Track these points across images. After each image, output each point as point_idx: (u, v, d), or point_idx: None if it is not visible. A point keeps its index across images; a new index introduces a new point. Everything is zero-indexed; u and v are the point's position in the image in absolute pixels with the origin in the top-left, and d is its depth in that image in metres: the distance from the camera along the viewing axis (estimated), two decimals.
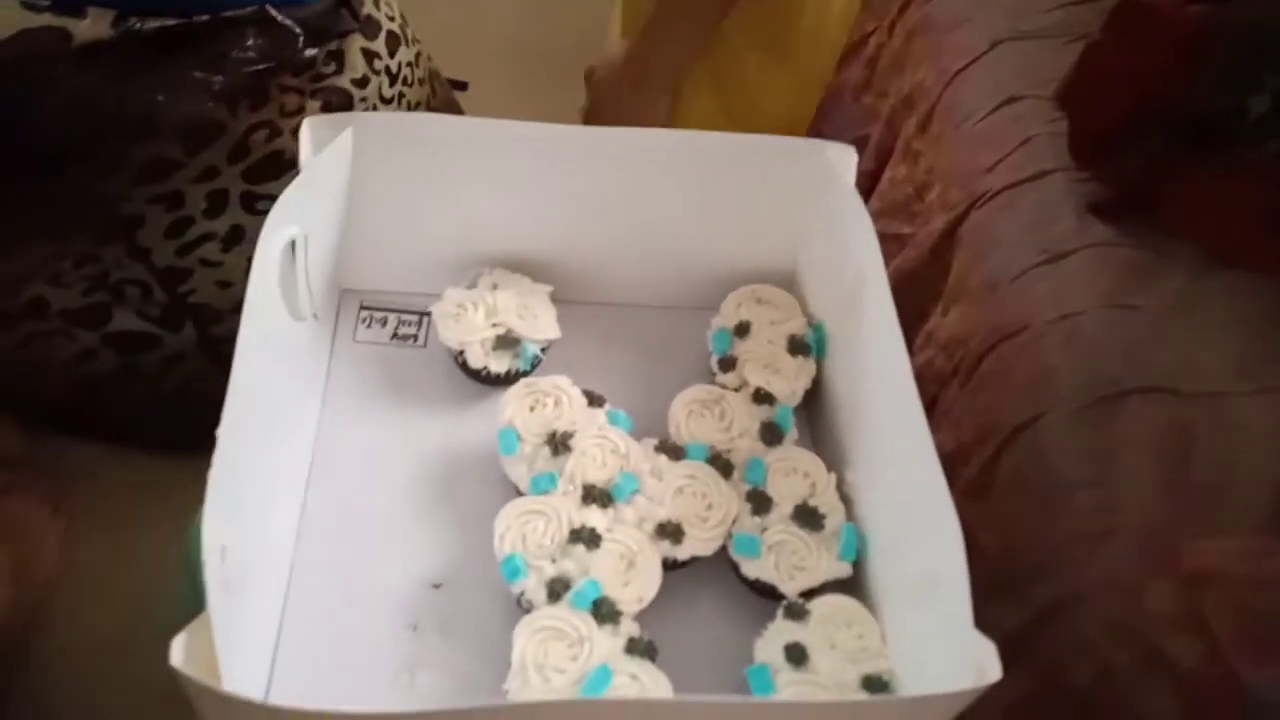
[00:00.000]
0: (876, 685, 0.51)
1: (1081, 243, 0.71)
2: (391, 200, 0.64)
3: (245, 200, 0.81)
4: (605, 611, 0.52)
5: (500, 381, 0.63)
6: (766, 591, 0.56)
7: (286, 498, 0.58)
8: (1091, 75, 0.75)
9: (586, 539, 0.54)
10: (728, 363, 0.65)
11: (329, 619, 0.55)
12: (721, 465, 0.59)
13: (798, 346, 0.65)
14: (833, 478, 0.59)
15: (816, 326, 0.66)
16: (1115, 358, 0.65)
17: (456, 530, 0.59)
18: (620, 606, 0.52)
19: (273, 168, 0.80)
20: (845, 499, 0.59)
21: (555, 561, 0.54)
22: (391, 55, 0.85)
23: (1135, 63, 0.70)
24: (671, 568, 0.56)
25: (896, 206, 0.89)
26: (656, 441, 0.60)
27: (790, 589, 0.55)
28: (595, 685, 0.49)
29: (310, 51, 0.76)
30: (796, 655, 0.52)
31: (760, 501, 0.58)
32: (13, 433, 0.95)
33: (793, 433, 0.62)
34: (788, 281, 0.69)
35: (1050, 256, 0.71)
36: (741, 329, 0.66)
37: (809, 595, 0.55)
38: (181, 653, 0.39)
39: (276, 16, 0.73)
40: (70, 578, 0.92)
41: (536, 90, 1.10)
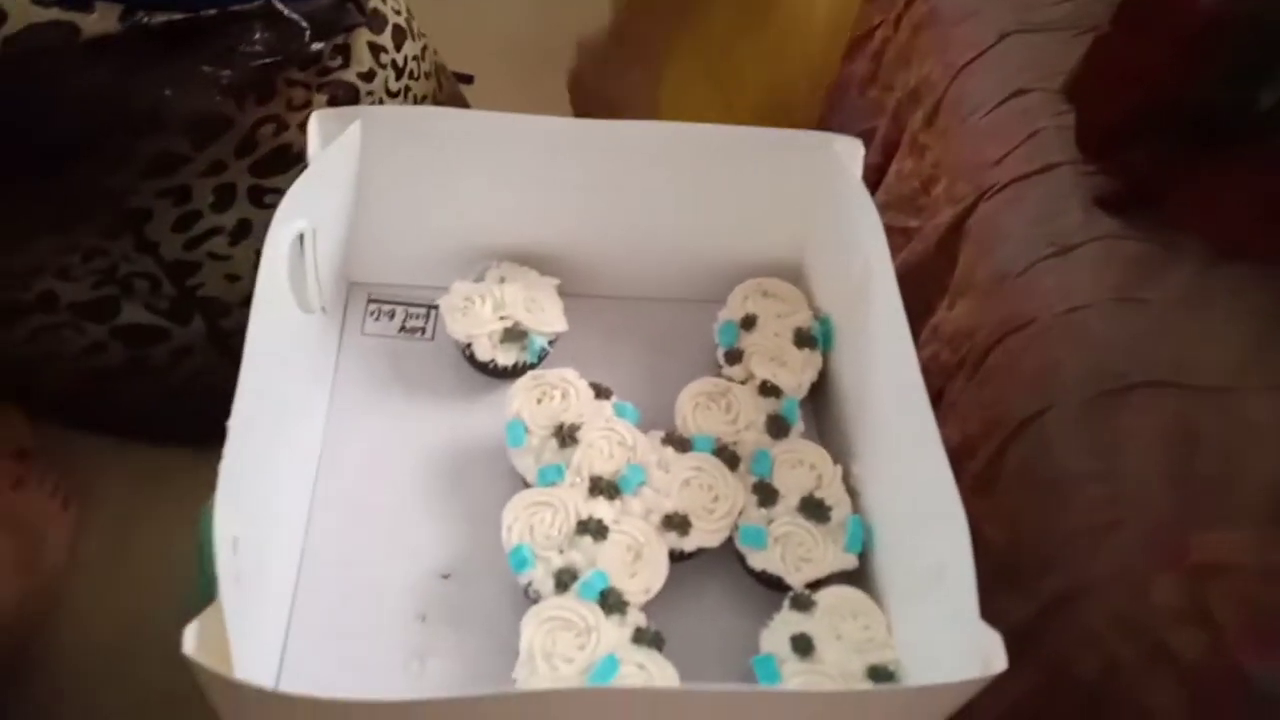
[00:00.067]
0: (882, 676, 0.51)
1: (1089, 236, 0.71)
2: (399, 193, 0.65)
3: (253, 194, 0.81)
4: (612, 602, 0.52)
5: (507, 374, 0.64)
6: (773, 583, 0.56)
7: (296, 489, 0.58)
8: (1100, 68, 0.75)
9: (594, 530, 0.55)
10: (734, 355, 0.65)
11: (338, 609, 0.55)
12: (728, 457, 0.60)
13: (804, 339, 0.65)
14: (839, 470, 0.59)
15: (823, 319, 0.66)
16: (1122, 351, 0.65)
17: (464, 521, 0.59)
18: (627, 597, 0.53)
19: (280, 162, 0.80)
20: (851, 491, 0.59)
21: (563, 552, 0.54)
22: (398, 49, 0.85)
23: (1144, 55, 0.70)
24: (678, 559, 0.57)
25: (903, 200, 0.89)
26: (663, 434, 0.60)
27: (796, 580, 0.55)
28: (603, 674, 0.49)
29: (317, 45, 0.76)
30: (803, 646, 0.52)
31: (766, 493, 0.58)
32: (23, 426, 0.96)
33: (799, 425, 0.62)
34: (794, 274, 0.70)
35: (1057, 250, 0.71)
36: (748, 322, 0.66)
37: (815, 587, 0.55)
38: (193, 641, 0.39)
39: (283, 11, 0.73)
40: (79, 569, 0.93)
41: (542, 84, 1.10)
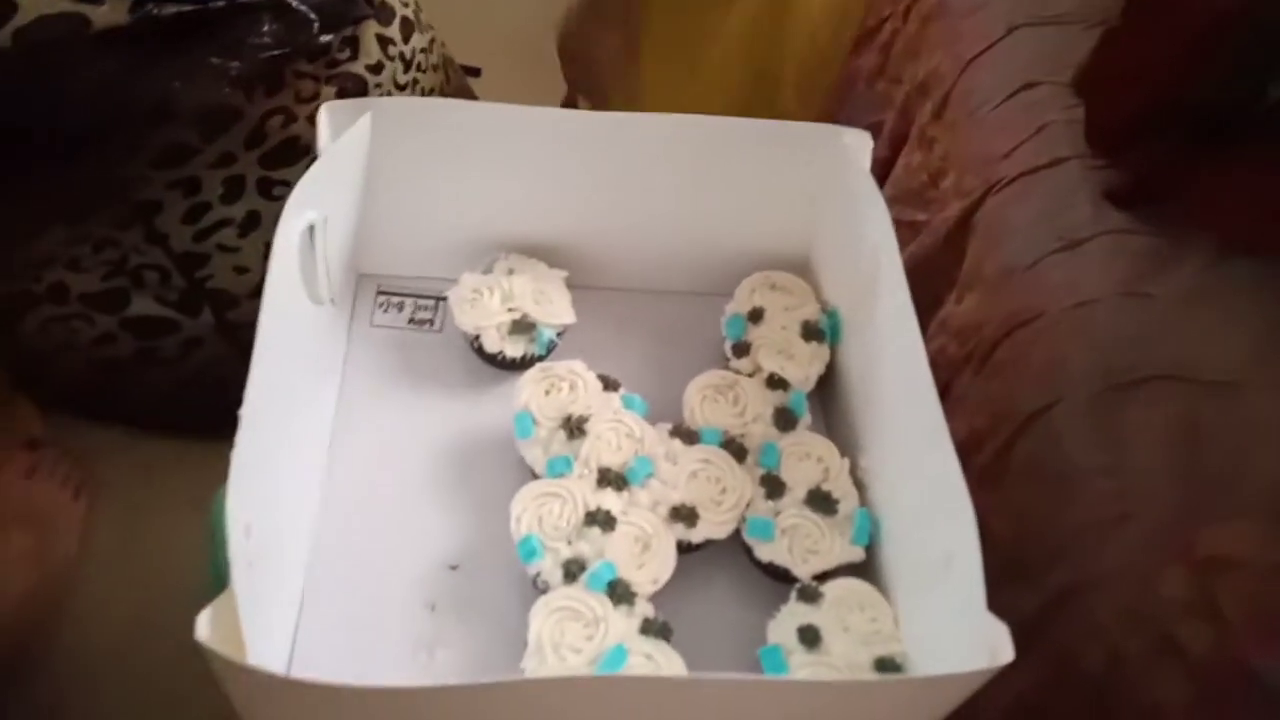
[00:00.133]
0: (889, 668, 0.51)
1: (1097, 230, 0.71)
2: (408, 185, 0.65)
3: (261, 186, 0.81)
4: (620, 593, 0.52)
5: (516, 366, 0.64)
6: (780, 575, 0.57)
7: (306, 479, 0.59)
8: (1109, 62, 0.74)
9: (602, 521, 0.55)
10: (741, 348, 0.65)
11: (348, 598, 0.55)
12: (735, 450, 0.60)
13: (811, 332, 0.65)
14: (846, 463, 0.59)
15: (830, 312, 0.66)
16: (1130, 346, 0.65)
17: (473, 512, 0.59)
18: (635, 588, 0.53)
19: (289, 154, 0.80)
20: (859, 484, 0.59)
21: (571, 543, 0.55)
22: (406, 41, 0.85)
23: (1154, 50, 0.70)
24: (686, 550, 0.57)
25: (911, 193, 0.89)
26: (671, 426, 0.61)
27: (803, 572, 0.55)
28: (611, 665, 0.49)
29: (325, 37, 0.76)
30: (810, 637, 0.52)
31: (774, 486, 0.58)
32: (35, 416, 0.96)
33: (806, 418, 0.62)
34: (802, 267, 0.70)
35: (1065, 244, 0.71)
36: (755, 315, 0.66)
37: (822, 579, 0.55)
38: (206, 628, 0.39)
39: (291, 2, 0.73)
40: (88, 559, 0.94)
41: (549, 77, 1.10)
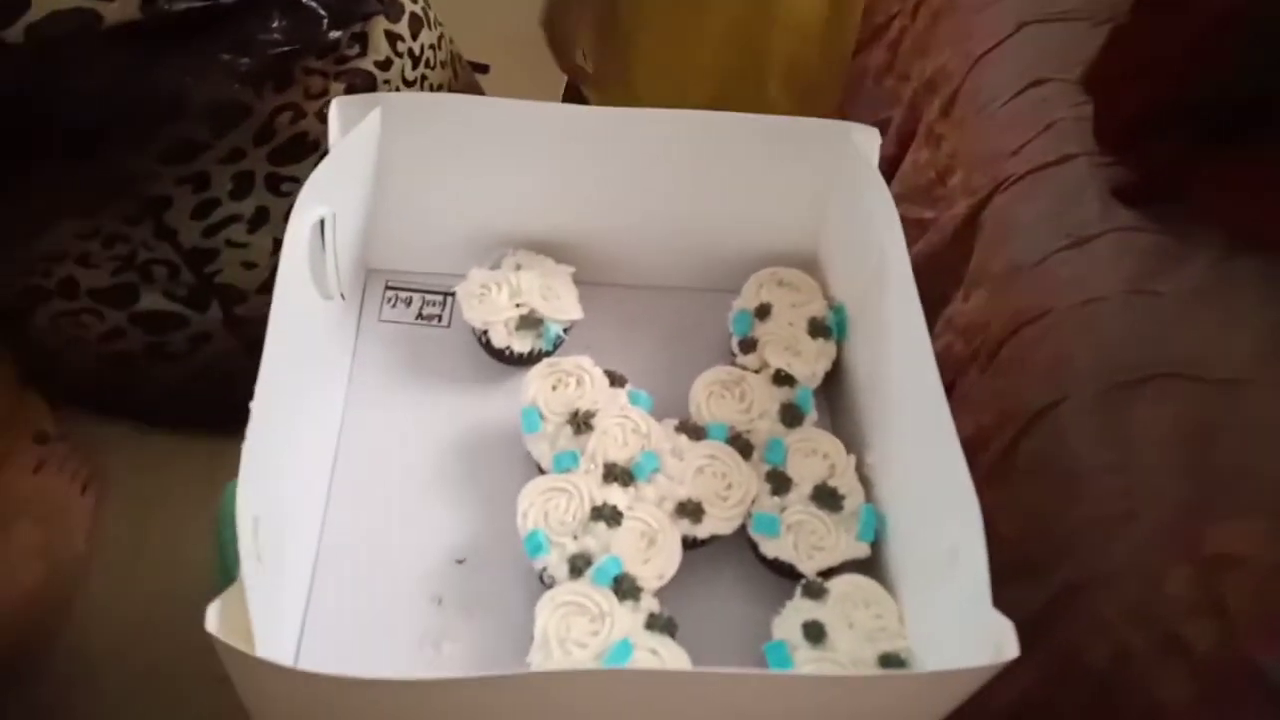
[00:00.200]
0: (894, 664, 0.51)
1: (1105, 227, 0.71)
2: (417, 181, 0.65)
3: (270, 182, 0.82)
4: (626, 588, 0.53)
5: (523, 361, 0.64)
6: (785, 570, 0.57)
7: (313, 474, 0.59)
8: (1118, 59, 0.74)
9: (608, 516, 0.55)
10: (748, 344, 0.65)
11: (355, 592, 0.56)
12: (741, 446, 0.60)
13: (818, 329, 0.65)
14: (852, 459, 0.59)
15: (837, 309, 0.66)
16: (1137, 343, 0.65)
17: (479, 507, 0.59)
18: (641, 583, 0.53)
19: (297, 150, 0.81)
20: (864, 481, 0.59)
21: (577, 538, 0.55)
22: (414, 38, 0.86)
23: (1163, 46, 0.70)
24: (691, 546, 0.57)
25: (918, 191, 0.89)
26: (677, 421, 0.61)
27: (809, 568, 0.55)
28: (616, 659, 0.50)
29: (334, 34, 0.77)
30: (815, 633, 0.52)
31: (780, 482, 0.58)
32: (43, 410, 0.97)
33: (812, 414, 0.62)
34: (809, 264, 0.70)
35: (1073, 241, 0.71)
36: (762, 311, 0.66)
37: (827, 575, 0.55)
38: (216, 619, 0.39)
39: None
40: (96, 552, 0.94)
41: (557, 73, 1.10)
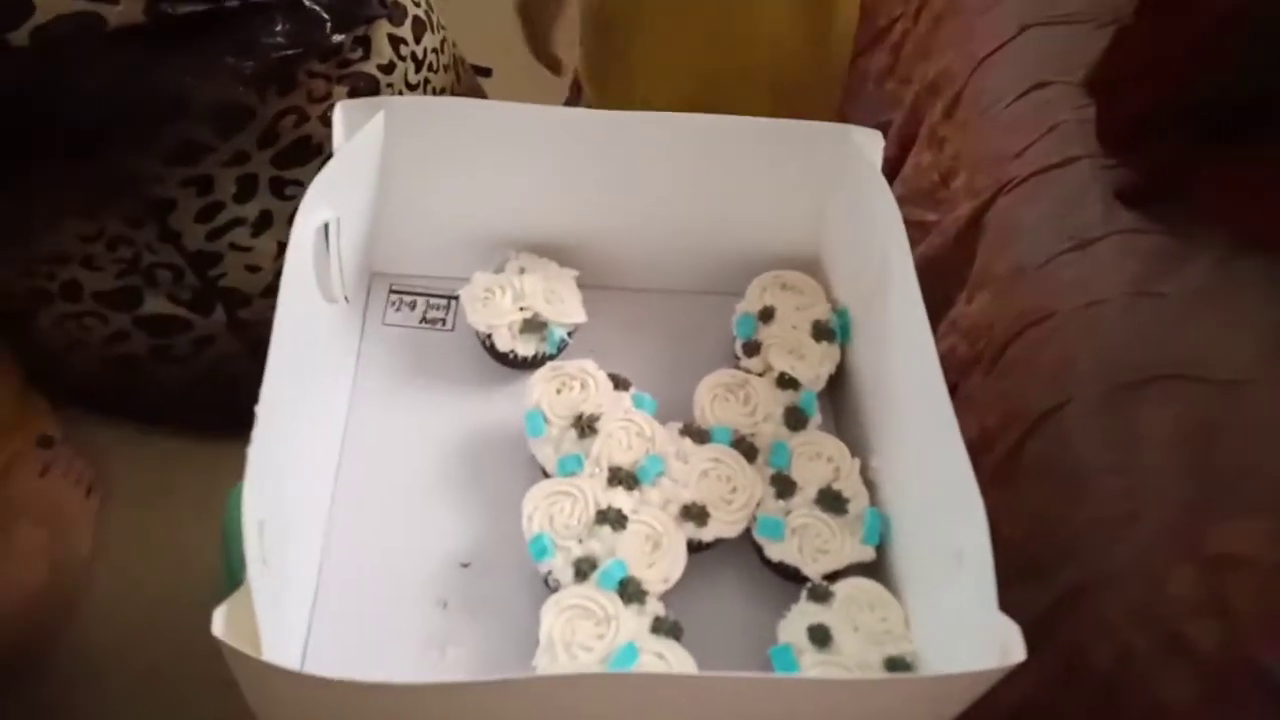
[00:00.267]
0: (900, 667, 0.51)
1: (1108, 229, 0.71)
2: (420, 184, 0.65)
3: (274, 185, 0.82)
4: (631, 591, 0.53)
5: (527, 365, 0.64)
6: (790, 574, 0.57)
7: (318, 477, 0.59)
8: (1121, 61, 0.74)
9: (613, 520, 0.55)
10: (752, 347, 0.65)
11: (360, 595, 0.56)
12: (746, 449, 0.60)
13: (822, 332, 0.65)
14: (857, 462, 0.59)
15: (841, 312, 0.67)
16: (1140, 345, 0.65)
17: (484, 510, 0.60)
18: (646, 586, 0.53)
19: (301, 153, 0.81)
20: (869, 484, 0.59)
21: (582, 542, 0.55)
22: (417, 41, 0.86)
23: (1166, 47, 0.70)
24: (696, 549, 0.57)
25: (921, 193, 0.89)
26: (681, 425, 0.61)
27: (814, 571, 0.55)
28: (622, 663, 0.50)
29: (337, 37, 0.77)
30: (820, 636, 0.52)
31: (784, 485, 0.58)
32: (47, 413, 0.97)
33: (816, 417, 0.62)
34: (812, 267, 0.70)
35: (1077, 243, 0.71)
36: (766, 314, 0.66)
37: (832, 578, 0.55)
38: (222, 623, 0.40)
39: (304, 2, 0.74)
40: (99, 555, 0.94)
41: (560, 77, 1.10)
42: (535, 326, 0.64)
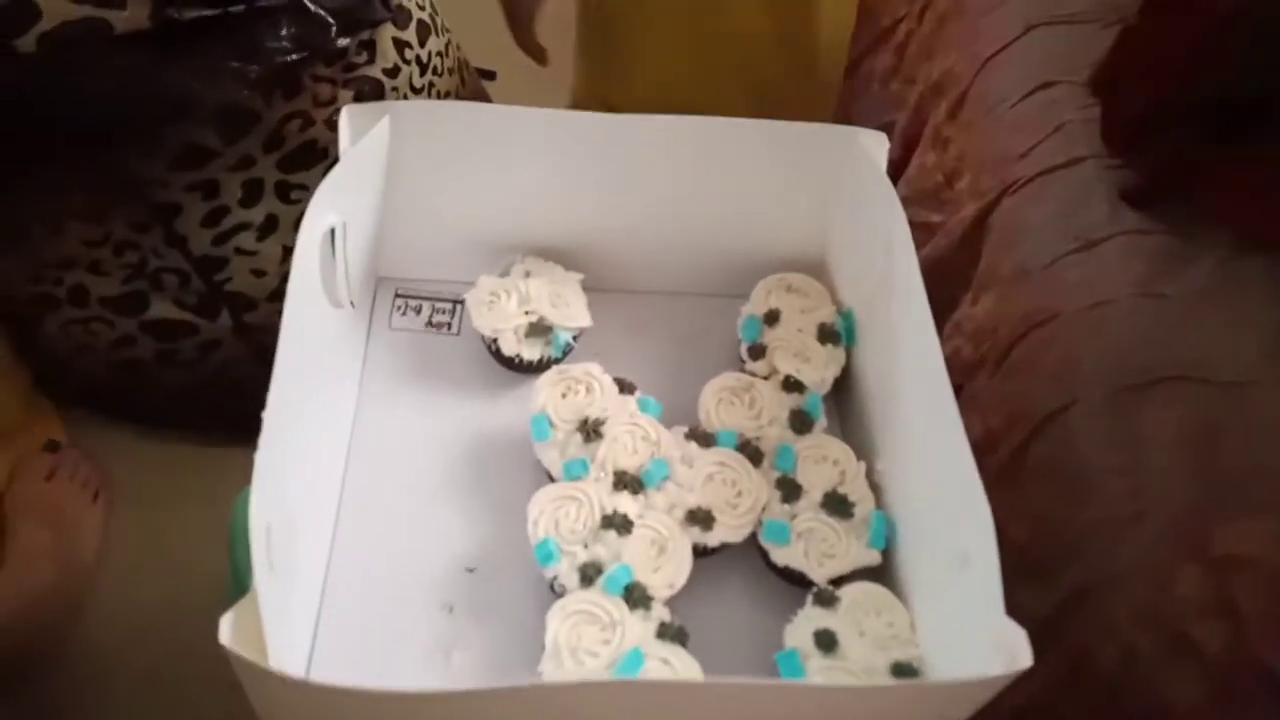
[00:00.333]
0: (906, 672, 0.51)
1: (1113, 230, 0.71)
2: (425, 188, 0.65)
3: (280, 189, 0.82)
4: (637, 596, 0.53)
5: (532, 369, 0.64)
6: (796, 578, 0.57)
7: (324, 481, 0.59)
8: (1127, 60, 0.74)
9: (618, 524, 0.55)
10: (757, 350, 0.65)
11: (366, 600, 0.56)
12: (751, 453, 0.60)
13: (827, 334, 0.65)
14: (862, 466, 0.59)
15: (846, 314, 0.67)
16: (1145, 346, 0.65)
17: (490, 515, 0.60)
18: (651, 592, 0.53)
19: (307, 157, 0.81)
20: (875, 487, 0.59)
21: (588, 546, 0.55)
22: (422, 44, 0.86)
23: (1171, 46, 0.69)
24: (702, 554, 0.57)
25: (925, 194, 0.89)
26: (687, 429, 0.61)
27: (819, 576, 0.56)
28: (627, 669, 0.50)
29: (343, 41, 0.77)
30: (826, 641, 0.52)
31: (790, 489, 0.58)
32: (54, 418, 0.98)
33: (822, 420, 0.62)
34: (817, 269, 0.70)
35: (1082, 244, 0.71)
36: (771, 317, 0.66)
37: (838, 583, 0.55)
38: (229, 630, 0.40)
39: (309, 6, 0.74)
40: (106, 560, 0.95)
41: (565, 80, 1.10)
42: (540, 330, 0.64)
